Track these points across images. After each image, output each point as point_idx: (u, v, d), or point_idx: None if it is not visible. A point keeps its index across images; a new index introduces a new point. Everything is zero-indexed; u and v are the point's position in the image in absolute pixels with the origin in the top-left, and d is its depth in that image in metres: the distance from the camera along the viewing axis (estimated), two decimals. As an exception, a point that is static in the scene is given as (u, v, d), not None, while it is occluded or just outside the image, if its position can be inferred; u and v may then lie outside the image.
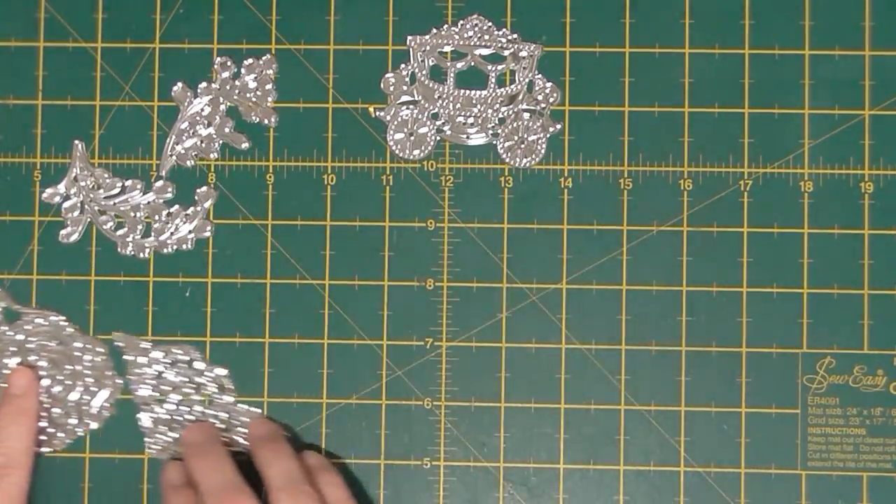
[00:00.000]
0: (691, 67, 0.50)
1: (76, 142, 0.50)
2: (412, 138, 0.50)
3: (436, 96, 0.50)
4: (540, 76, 0.50)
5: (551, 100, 0.50)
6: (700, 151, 0.50)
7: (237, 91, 0.50)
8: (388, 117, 0.50)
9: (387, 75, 0.50)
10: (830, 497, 0.49)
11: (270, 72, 0.50)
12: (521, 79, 0.50)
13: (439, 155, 0.50)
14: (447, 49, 0.50)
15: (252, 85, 0.50)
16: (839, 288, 0.49)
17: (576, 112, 0.50)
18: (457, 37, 0.50)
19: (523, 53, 0.50)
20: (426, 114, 0.50)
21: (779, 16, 0.50)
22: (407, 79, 0.50)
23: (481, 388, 0.50)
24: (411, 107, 0.50)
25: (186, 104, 0.50)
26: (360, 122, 0.50)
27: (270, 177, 0.50)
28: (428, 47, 0.50)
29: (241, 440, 0.49)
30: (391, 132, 0.50)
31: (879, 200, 0.49)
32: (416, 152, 0.50)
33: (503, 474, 0.49)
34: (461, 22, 0.50)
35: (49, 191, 0.50)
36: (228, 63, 0.50)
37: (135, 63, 0.51)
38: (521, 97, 0.50)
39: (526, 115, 0.50)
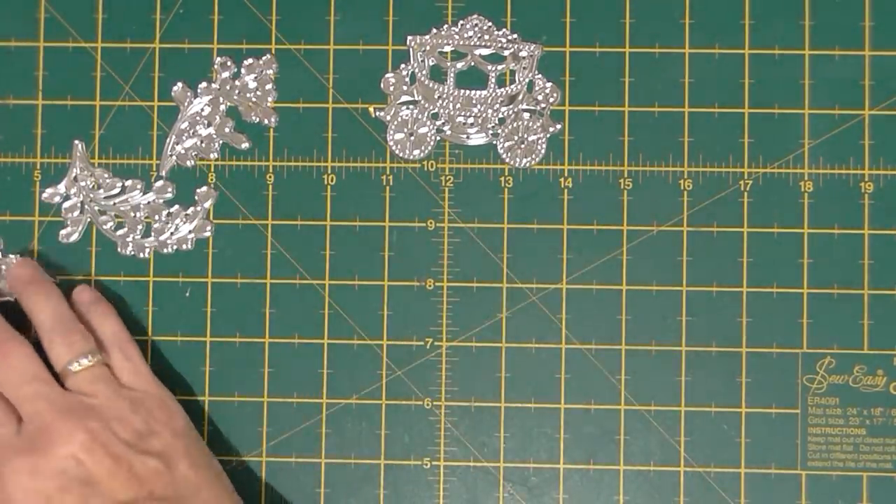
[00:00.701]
0: (691, 67, 0.50)
1: (76, 142, 0.50)
2: (412, 138, 0.50)
3: (436, 96, 0.50)
4: (540, 76, 0.50)
5: (551, 100, 0.50)
6: (700, 151, 0.50)
7: (237, 91, 0.50)
8: (388, 117, 0.50)
9: (387, 75, 0.50)
10: (830, 497, 0.49)
11: (270, 72, 0.50)
12: (521, 79, 0.50)
13: (439, 155, 0.50)
14: (447, 49, 0.50)
15: (252, 85, 0.50)
16: (839, 288, 0.49)
17: (576, 112, 0.50)
18: (457, 37, 0.50)
19: (523, 53, 0.50)
20: (426, 114, 0.50)
21: (779, 16, 0.50)
22: (407, 79, 0.50)
23: (481, 388, 0.50)
24: (411, 107, 0.50)
25: (186, 104, 0.50)
26: (360, 122, 0.50)
27: (270, 177, 0.50)
28: (428, 47, 0.50)
29: (7, 289, 0.49)
30: (391, 132, 0.50)
31: (879, 200, 0.49)
32: (416, 152, 0.50)
33: (503, 474, 0.49)
34: (461, 22, 0.50)
35: (49, 191, 0.50)
36: (228, 63, 0.50)
37: (135, 63, 0.51)
38: (521, 97, 0.50)
39: (526, 115, 0.50)
